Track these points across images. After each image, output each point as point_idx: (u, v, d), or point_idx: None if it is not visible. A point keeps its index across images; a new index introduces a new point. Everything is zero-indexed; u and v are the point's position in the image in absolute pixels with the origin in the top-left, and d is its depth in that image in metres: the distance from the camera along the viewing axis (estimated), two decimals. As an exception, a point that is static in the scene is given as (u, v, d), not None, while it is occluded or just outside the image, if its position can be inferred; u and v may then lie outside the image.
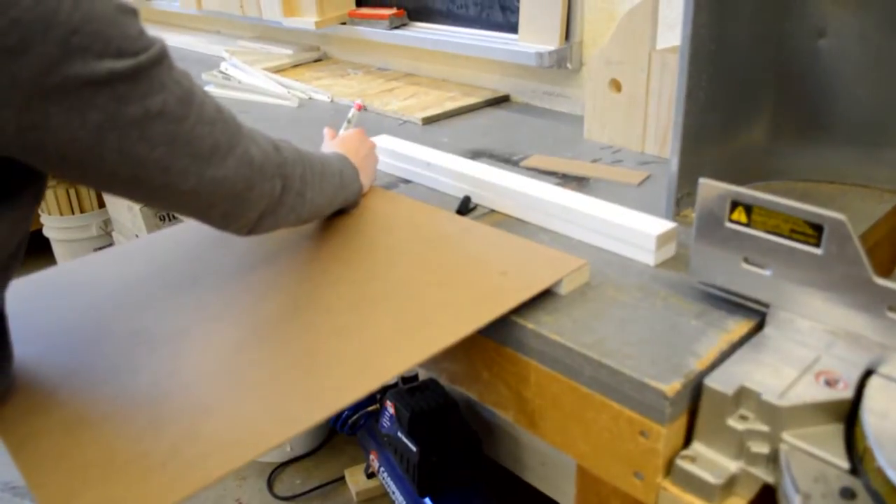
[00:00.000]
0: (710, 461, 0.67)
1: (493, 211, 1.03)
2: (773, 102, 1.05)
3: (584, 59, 1.45)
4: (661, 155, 1.21)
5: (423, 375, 1.93)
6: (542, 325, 0.76)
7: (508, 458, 1.90)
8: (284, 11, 1.90)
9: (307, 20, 1.84)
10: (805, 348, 0.71)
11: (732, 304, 0.77)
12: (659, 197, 1.04)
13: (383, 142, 1.20)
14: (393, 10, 1.75)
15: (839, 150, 1.06)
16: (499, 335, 0.80)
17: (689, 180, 0.98)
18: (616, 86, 1.25)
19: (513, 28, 1.53)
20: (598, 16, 1.39)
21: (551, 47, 1.42)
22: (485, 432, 1.92)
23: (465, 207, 1.03)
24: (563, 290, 0.81)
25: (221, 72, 1.89)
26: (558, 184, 1.12)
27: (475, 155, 1.26)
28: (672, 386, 0.66)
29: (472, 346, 0.85)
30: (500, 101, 1.59)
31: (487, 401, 0.86)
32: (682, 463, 0.67)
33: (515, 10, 1.51)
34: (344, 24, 1.85)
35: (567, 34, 1.43)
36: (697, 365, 0.69)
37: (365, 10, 1.81)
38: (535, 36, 1.46)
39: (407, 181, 1.15)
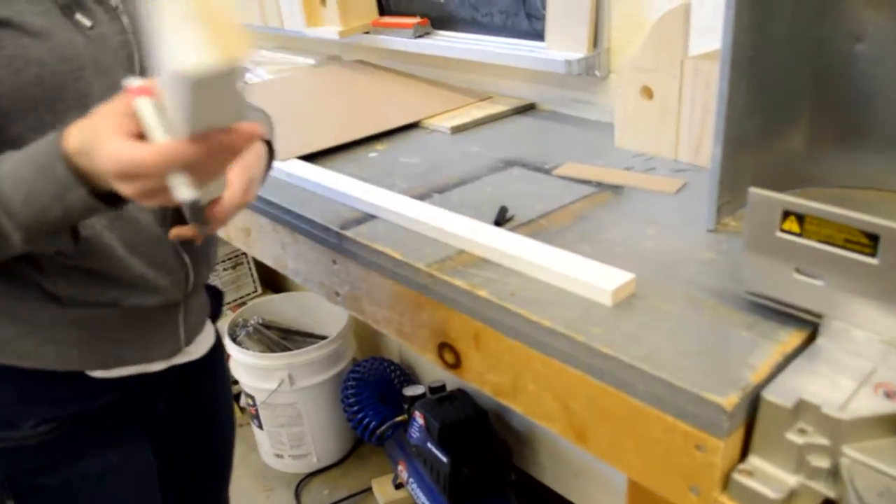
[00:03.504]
0: (769, 475, 0.66)
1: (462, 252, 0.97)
2: (810, 108, 1.04)
3: (612, 67, 1.44)
4: (694, 162, 1.20)
5: (451, 386, 1.92)
6: (591, 337, 0.76)
7: (539, 468, 1.89)
8: (307, 21, 1.90)
9: (330, 29, 1.84)
10: (860, 359, 0.70)
11: (783, 314, 0.76)
12: (697, 205, 1.03)
13: (340, 184, 1.17)
14: (417, 19, 1.75)
15: (878, 156, 1.04)
16: (546, 347, 0.80)
17: (729, 188, 0.97)
18: (647, 93, 1.24)
19: (538, 36, 1.52)
20: (626, 23, 1.39)
21: (579, 55, 1.41)
22: (515, 442, 1.91)
23: (502, 218, 1.03)
24: (611, 301, 0.81)
25: (245, 82, 1.90)
26: (593, 192, 1.11)
27: (507, 164, 1.25)
28: (730, 399, 0.65)
29: (516, 357, 0.84)
30: (527, 109, 1.58)
31: (533, 414, 0.85)
32: (739, 477, 0.67)
33: (541, 18, 1.50)
34: (367, 32, 1.85)
35: (595, 41, 1.42)
36: (753, 377, 0.68)
37: (389, 20, 1.81)
38: (562, 43, 1.45)
39: (373, 216, 1.10)
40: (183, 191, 0.60)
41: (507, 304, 0.83)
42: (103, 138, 0.62)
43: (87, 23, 0.83)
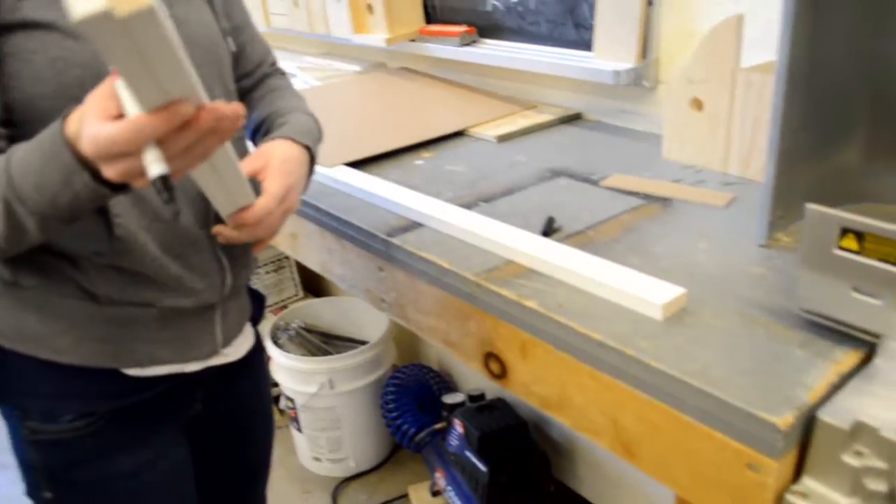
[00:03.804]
0: (823, 497, 0.65)
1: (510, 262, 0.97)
2: (867, 122, 1.02)
3: (661, 77, 1.43)
4: (745, 176, 1.19)
5: (491, 394, 1.92)
6: (641, 351, 0.75)
7: (579, 480, 1.88)
8: (354, 28, 1.92)
9: (377, 37, 1.85)
10: (920, 381, 0.68)
11: (839, 333, 0.75)
12: (748, 219, 1.01)
13: (385, 190, 1.18)
14: (463, 28, 1.75)
15: (936, 172, 1.02)
16: (595, 360, 0.79)
17: (782, 203, 0.95)
18: (697, 104, 1.23)
19: (586, 45, 1.52)
20: (676, 33, 1.38)
21: (628, 65, 1.40)
22: (554, 453, 1.90)
23: (550, 228, 1.02)
24: (661, 316, 0.80)
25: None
26: (642, 204, 1.10)
27: (554, 174, 1.25)
28: (785, 419, 0.64)
29: (564, 369, 0.84)
30: (573, 118, 1.58)
31: (580, 427, 0.84)
32: (792, 499, 0.65)
33: (589, 28, 1.50)
34: (413, 40, 1.86)
35: (644, 51, 1.41)
36: (808, 397, 0.67)
37: (435, 28, 1.82)
38: (610, 53, 1.44)
39: (419, 224, 1.10)
40: (153, 166, 0.61)
41: (555, 315, 0.82)
42: (85, 122, 0.64)
43: None
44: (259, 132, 1.07)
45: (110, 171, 0.64)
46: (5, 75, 0.80)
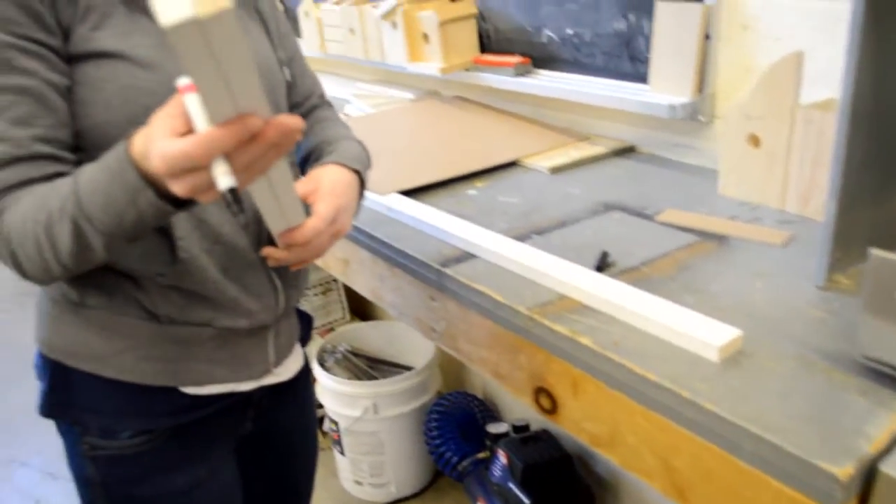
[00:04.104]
0: (884, 552, 0.63)
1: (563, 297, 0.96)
2: (932, 164, 1.01)
3: (717, 112, 1.42)
4: (803, 214, 1.17)
5: (535, 426, 1.90)
6: (696, 393, 0.74)
7: (624, 516, 1.85)
8: (409, 57, 1.94)
9: (432, 66, 1.87)
10: None
11: (902, 381, 0.73)
12: (806, 259, 1.00)
13: (437, 219, 1.19)
14: (518, 58, 1.76)
15: None
16: (649, 400, 0.78)
17: (842, 244, 0.94)
18: (755, 141, 1.22)
19: (641, 78, 1.52)
20: (734, 67, 1.37)
21: (684, 99, 1.40)
22: (599, 489, 1.88)
23: (604, 263, 1.02)
24: (717, 357, 0.79)
25: (346, 114, 1.94)
26: (697, 241, 1.09)
27: (607, 207, 1.24)
28: (845, 469, 0.63)
29: (617, 408, 0.83)
30: (626, 151, 1.57)
31: (631, 467, 0.83)
32: (852, 552, 0.64)
33: (645, 61, 1.50)
34: (468, 70, 1.87)
35: (700, 86, 1.41)
36: (869, 448, 0.65)
37: (490, 58, 1.83)
38: (666, 87, 1.44)
39: (472, 255, 1.11)
40: (221, 179, 0.62)
41: (610, 353, 0.82)
42: (154, 139, 0.65)
43: None
44: (308, 161, 1.09)
45: (179, 187, 0.66)
46: (77, 103, 0.83)
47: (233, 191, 0.63)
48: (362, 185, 1.03)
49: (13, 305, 3.66)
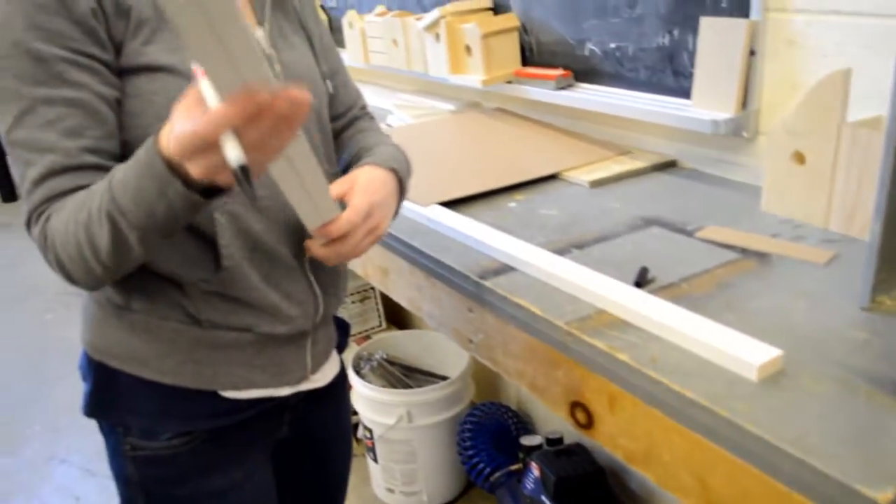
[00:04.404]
0: (926, 580, 0.62)
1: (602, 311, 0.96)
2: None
3: (761, 128, 1.41)
4: (847, 233, 1.16)
5: (569, 439, 1.90)
6: (735, 412, 0.73)
7: (657, 533, 1.83)
8: (451, 69, 1.95)
9: (474, 78, 1.88)
10: None
11: (947, 406, 0.72)
12: (849, 279, 0.99)
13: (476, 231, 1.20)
14: (560, 71, 1.76)
15: None
16: (686, 418, 0.78)
17: (887, 265, 0.92)
18: (799, 158, 1.20)
19: (684, 93, 1.51)
20: (779, 84, 1.36)
21: (727, 115, 1.39)
22: None
23: (644, 279, 1.02)
24: (756, 377, 0.78)
25: (388, 125, 1.96)
26: (738, 259, 1.09)
27: (647, 222, 1.24)
28: (885, 495, 0.62)
29: (654, 425, 0.83)
30: (667, 165, 1.56)
31: (667, 485, 0.83)
32: (892, 579, 0.63)
33: (688, 76, 1.49)
34: (509, 82, 1.88)
35: (744, 101, 1.40)
36: (912, 473, 0.65)
37: (532, 70, 1.83)
38: (709, 102, 1.43)
39: (511, 268, 1.11)
40: (231, 154, 0.63)
41: (648, 370, 0.81)
42: (173, 126, 0.67)
43: None
44: (348, 170, 1.11)
45: (195, 169, 0.67)
46: (127, 114, 0.85)
47: (245, 171, 0.63)
48: (401, 187, 1.04)
49: (58, 305, 3.74)
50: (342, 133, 1.17)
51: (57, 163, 0.81)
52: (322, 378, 1.11)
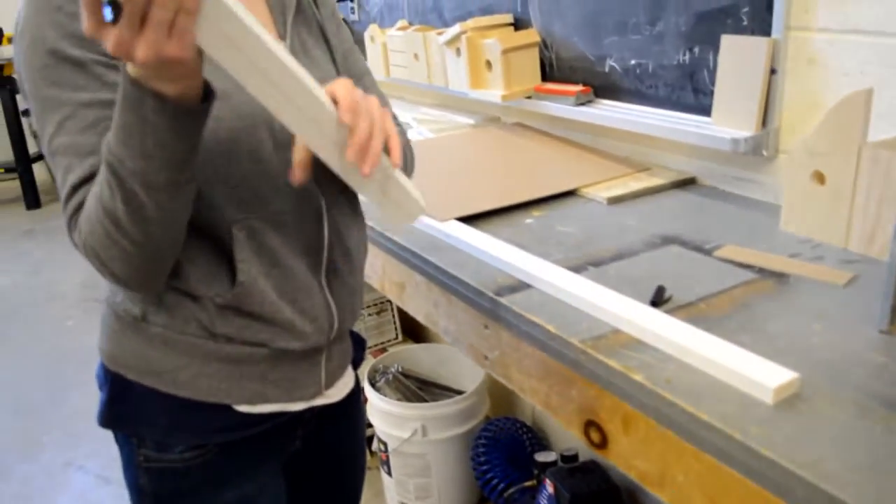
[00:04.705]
0: None
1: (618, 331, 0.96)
2: None
3: (781, 147, 1.40)
4: (866, 254, 1.15)
5: (584, 456, 1.88)
6: (749, 436, 0.73)
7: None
8: (471, 84, 1.96)
9: (494, 93, 1.88)
10: None
11: (966, 434, 0.71)
12: (868, 302, 0.98)
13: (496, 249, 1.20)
14: (579, 87, 1.76)
15: None
16: (700, 440, 0.77)
17: (908, 288, 0.92)
18: (819, 178, 1.20)
19: (704, 110, 1.50)
20: (799, 103, 1.35)
21: (747, 133, 1.38)
22: (647, 522, 1.85)
23: (660, 298, 1.01)
24: (772, 400, 0.78)
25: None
26: (755, 279, 1.08)
27: (665, 241, 1.24)
28: (902, 523, 0.61)
29: (668, 446, 0.82)
30: (686, 183, 1.56)
31: (681, 507, 0.82)
32: None
33: (708, 93, 1.49)
34: (529, 97, 1.88)
35: (764, 120, 1.39)
36: (929, 501, 0.64)
37: (551, 86, 1.84)
38: (729, 120, 1.42)
39: (528, 285, 1.11)
40: None
41: (662, 391, 0.81)
42: None
43: None
44: None
45: (153, 74, 0.68)
46: None
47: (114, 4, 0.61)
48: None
49: (79, 312, 3.78)
50: None
51: (97, 165, 0.81)
52: (336, 394, 1.11)
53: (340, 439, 1.22)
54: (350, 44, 1.13)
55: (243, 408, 0.99)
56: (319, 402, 1.07)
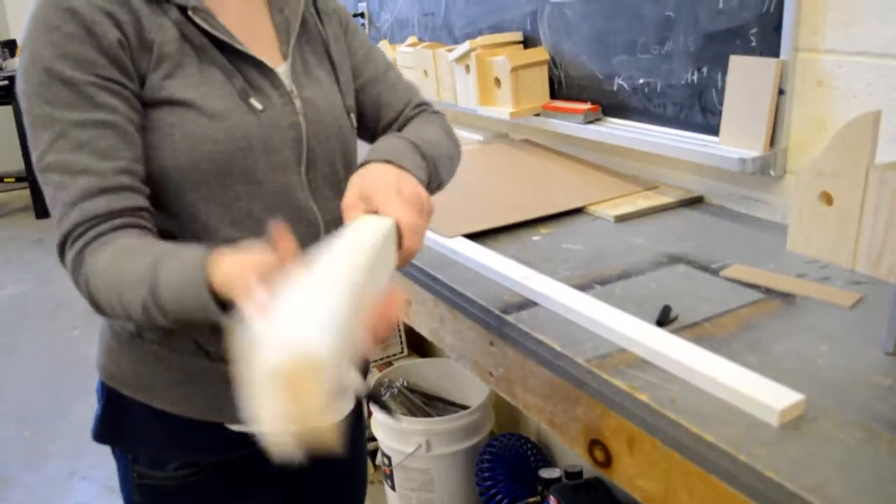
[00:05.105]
0: None
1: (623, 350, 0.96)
2: None
3: (789, 167, 1.40)
4: (874, 275, 1.15)
5: (588, 473, 1.88)
6: (755, 458, 0.73)
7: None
8: (480, 101, 1.97)
9: (502, 110, 1.89)
10: None
11: (972, 459, 0.71)
12: (875, 323, 0.98)
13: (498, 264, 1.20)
14: (588, 105, 1.77)
15: None
16: (705, 462, 0.77)
17: (914, 310, 0.91)
18: (827, 198, 1.20)
19: (712, 130, 1.51)
20: (808, 123, 1.35)
21: (755, 153, 1.39)
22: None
23: (666, 318, 1.01)
24: (777, 422, 0.78)
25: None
26: (762, 299, 1.08)
27: (672, 260, 1.24)
28: (907, 548, 0.61)
29: (672, 466, 0.82)
30: (694, 202, 1.56)
31: (685, 528, 0.82)
32: None
33: (717, 113, 1.49)
34: (537, 115, 1.89)
35: (772, 140, 1.39)
36: (934, 526, 0.64)
37: (560, 104, 1.84)
38: (737, 140, 1.43)
39: (534, 303, 1.10)
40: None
41: (667, 412, 0.81)
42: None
43: (259, 106, 0.91)
44: None
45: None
46: (145, 147, 0.87)
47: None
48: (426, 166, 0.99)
49: (84, 323, 3.79)
50: None
51: (92, 185, 0.82)
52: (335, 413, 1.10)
53: (339, 460, 1.21)
54: (367, 47, 1.12)
55: (237, 427, 0.99)
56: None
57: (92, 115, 0.82)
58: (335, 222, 0.99)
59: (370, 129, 1.13)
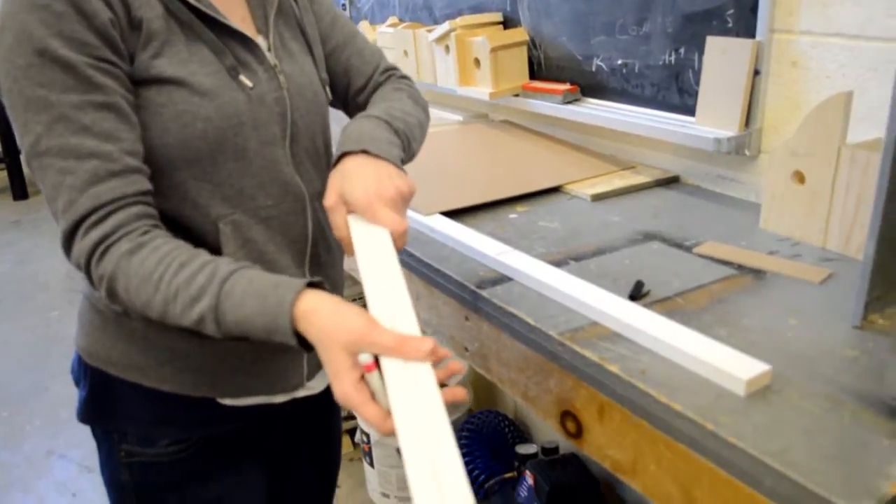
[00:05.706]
0: None
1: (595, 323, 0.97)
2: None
3: (763, 147, 1.42)
4: (843, 252, 1.17)
5: (564, 449, 1.90)
6: (720, 426, 0.74)
7: (650, 547, 1.83)
8: (460, 81, 1.97)
9: (482, 90, 1.90)
10: None
11: (930, 426, 0.73)
12: (843, 298, 1.00)
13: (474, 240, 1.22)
14: (567, 86, 1.78)
15: None
16: (672, 430, 0.79)
17: (881, 284, 0.93)
18: (799, 177, 1.21)
19: (689, 110, 1.52)
20: (782, 103, 1.37)
21: (730, 133, 1.40)
22: (625, 517, 1.87)
23: (638, 292, 1.03)
24: (744, 391, 0.79)
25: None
26: (734, 275, 1.10)
27: (646, 237, 1.25)
28: (864, 510, 0.63)
29: (641, 436, 0.83)
30: (670, 181, 1.58)
31: (653, 495, 0.84)
32: None
33: (693, 93, 1.50)
34: (517, 95, 1.89)
35: (747, 120, 1.41)
36: (891, 488, 0.65)
37: (539, 84, 1.85)
38: (713, 120, 1.44)
39: (509, 278, 1.12)
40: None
41: (637, 382, 0.83)
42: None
43: (248, 83, 0.91)
44: None
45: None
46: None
47: None
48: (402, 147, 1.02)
49: (63, 303, 3.77)
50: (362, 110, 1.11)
51: (101, 168, 0.80)
52: (317, 385, 1.11)
53: (320, 430, 1.23)
54: (332, 13, 1.12)
55: (227, 401, 1.00)
56: (301, 393, 1.08)
57: (91, 97, 0.80)
58: (318, 196, 1.00)
59: (340, 95, 1.14)
